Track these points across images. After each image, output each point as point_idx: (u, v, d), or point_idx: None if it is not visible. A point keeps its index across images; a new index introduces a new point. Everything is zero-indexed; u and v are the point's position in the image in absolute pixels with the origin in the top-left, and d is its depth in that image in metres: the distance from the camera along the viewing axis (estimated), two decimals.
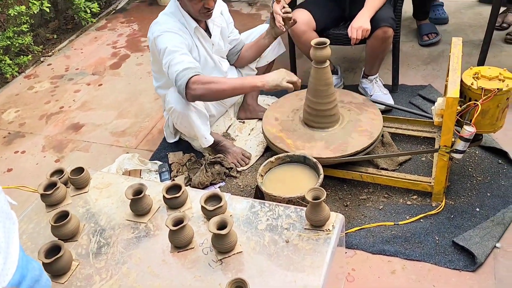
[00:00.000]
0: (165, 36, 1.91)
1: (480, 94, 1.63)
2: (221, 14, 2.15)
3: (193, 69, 1.84)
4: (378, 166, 2.05)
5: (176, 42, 1.89)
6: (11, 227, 0.74)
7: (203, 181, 2.06)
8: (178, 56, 1.86)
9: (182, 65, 1.83)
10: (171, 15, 2.01)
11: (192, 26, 2.02)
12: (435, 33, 2.89)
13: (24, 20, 3.30)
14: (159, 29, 1.94)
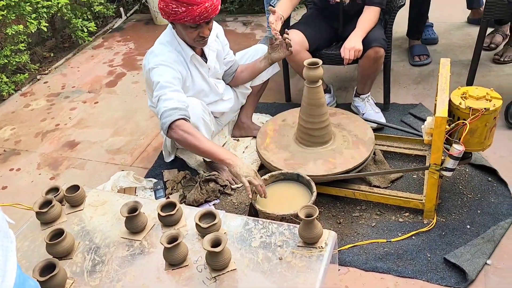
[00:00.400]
0: (159, 70, 1.93)
1: (468, 114, 1.67)
2: (217, 37, 2.19)
3: (180, 111, 1.85)
4: (371, 184, 2.08)
5: (168, 77, 1.91)
6: (9, 245, 0.76)
7: (197, 199, 2.08)
8: (168, 92, 1.88)
9: (171, 103, 1.85)
10: (167, 44, 2.02)
11: (188, 55, 2.04)
12: (426, 55, 2.96)
13: (21, 39, 3.34)
14: (154, 61, 1.96)
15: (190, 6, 1.82)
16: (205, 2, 1.83)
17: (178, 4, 1.82)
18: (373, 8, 2.28)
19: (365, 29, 2.24)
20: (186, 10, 1.83)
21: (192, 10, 1.82)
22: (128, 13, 4.57)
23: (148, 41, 3.89)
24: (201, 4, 1.82)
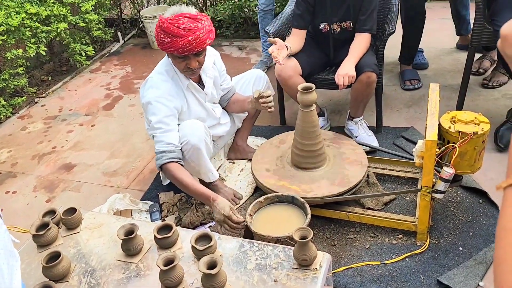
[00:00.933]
0: (153, 107, 2.02)
1: (457, 137, 1.72)
2: (214, 64, 2.24)
3: (168, 154, 1.98)
4: (364, 206, 2.11)
5: (160, 117, 2.01)
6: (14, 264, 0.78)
7: (193, 221, 2.09)
8: (158, 134, 2.01)
9: (160, 146, 2.01)
10: (164, 73, 2.07)
11: (185, 84, 2.09)
12: (417, 80, 3.04)
13: (20, 63, 3.40)
14: (149, 96, 2.03)
15: (174, 38, 1.88)
16: (188, 35, 1.87)
17: (164, 34, 1.90)
18: (363, 34, 2.36)
19: (357, 55, 2.31)
20: (171, 41, 1.89)
21: (175, 42, 1.89)
22: (126, 38, 4.65)
23: (145, 65, 3.96)
24: (184, 37, 1.87)
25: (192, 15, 1.92)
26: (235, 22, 4.34)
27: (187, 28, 1.88)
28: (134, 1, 4.62)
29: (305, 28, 2.45)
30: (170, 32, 1.88)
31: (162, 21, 1.91)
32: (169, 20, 1.89)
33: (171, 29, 1.88)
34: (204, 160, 2.11)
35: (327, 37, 2.47)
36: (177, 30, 1.88)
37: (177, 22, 1.89)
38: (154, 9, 4.39)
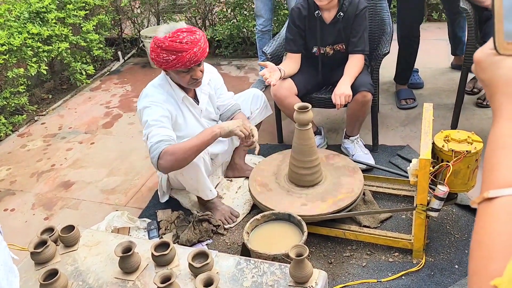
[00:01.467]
0: (148, 110, 2.02)
1: (451, 156, 1.75)
2: (210, 81, 2.28)
3: (166, 142, 1.93)
4: (361, 224, 2.12)
5: (156, 116, 2.00)
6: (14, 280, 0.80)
7: (190, 239, 2.10)
8: (155, 129, 1.97)
9: (156, 137, 1.94)
10: (159, 87, 2.12)
11: (180, 96, 2.13)
12: (412, 99, 3.08)
13: (21, 81, 3.44)
14: (145, 102, 2.06)
15: (179, 53, 1.92)
16: (193, 47, 1.93)
17: (168, 53, 1.92)
18: (357, 55, 2.41)
19: (352, 75, 2.36)
20: (176, 58, 1.92)
21: (182, 57, 1.92)
22: (126, 57, 4.72)
23: (145, 83, 3.94)
24: (190, 50, 1.92)
25: (188, 28, 1.97)
26: (234, 42, 4.41)
27: (189, 41, 1.92)
28: (135, 21, 4.71)
29: (298, 51, 2.51)
30: (173, 49, 1.91)
31: (162, 41, 1.93)
32: (169, 39, 1.92)
33: (174, 46, 1.91)
34: (202, 177, 2.13)
35: (320, 59, 2.52)
36: (181, 45, 1.91)
37: (178, 38, 1.92)
38: (154, 29, 4.47)
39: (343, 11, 2.38)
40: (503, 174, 0.54)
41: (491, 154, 0.56)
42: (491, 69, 0.57)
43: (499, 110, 0.56)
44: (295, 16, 2.46)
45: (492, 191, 0.53)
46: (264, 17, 3.38)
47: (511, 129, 0.55)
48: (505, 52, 0.56)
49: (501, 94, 0.56)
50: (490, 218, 0.53)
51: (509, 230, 0.51)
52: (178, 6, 4.78)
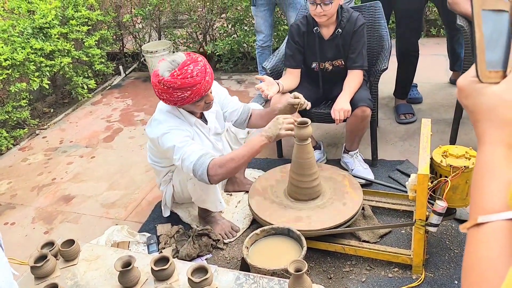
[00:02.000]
0: (170, 135, 1.98)
1: (449, 171, 1.76)
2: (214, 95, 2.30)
3: (206, 155, 1.91)
4: (360, 239, 2.12)
5: (181, 138, 1.97)
6: None
7: (190, 253, 2.10)
8: (187, 149, 1.94)
9: (194, 155, 1.92)
10: (168, 113, 2.07)
11: (191, 121, 2.10)
12: (411, 114, 3.11)
13: (23, 96, 3.47)
14: (162, 128, 2.01)
15: (194, 87, 1.89)
16: (204, 76, 1.92)
17: (183, 91, 1.88)
18: (355, 71, 2.45)
19: (351, 90, 2.39)
20: (192, 92, 1.90)
21: (197, 90, 1.90)
22: (127, 71, 4.77)
23: (146, 98, 4.05)
24: (202, 80, 1.90)
25: (190, 59, 1.92)
26: (234, 57, 4.46)
27: (199, 72, 1.90)
28: (136, 36, 4.76)
29: (298, 67, 2.54)
30: (187, 85, 1.88)
31: (172, 81, 1.87)
32: (179, 77, 1.87)
33: (188, 82, 1.87)
34: (213, 188, 2.11)
35: (320, 75, 2.55)
36: (193, 79, 1.88)
37: (187, 72, 1.88)
38: (155, 44, 4.52)
39: (341, 28, 2.42)
40: (490, 200, 0.55)
41: (477, 179, 0.58)
42: (474, 96, 0.59)
43: (483, 136, 0.58)
44: (294, 32, 2.50)
45: (481, 217, 0.55)
46: (264, 33, 3.43)
47: (495, 155, 0.56)
48: (487, 80, 0.58)
49: (484, 120, 0.58)
50: (480, 244, 0.54)
51: (498, 255, 0.52)
52: (179, 21, 4.84)
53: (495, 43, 0.58)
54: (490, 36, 0.58)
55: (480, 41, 0.57)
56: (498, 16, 0.58)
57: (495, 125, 0.57)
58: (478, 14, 0.57)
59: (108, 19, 4.34)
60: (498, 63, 0.58)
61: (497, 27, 0.58)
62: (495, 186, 0.56)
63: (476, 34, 0.57)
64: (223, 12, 4.34)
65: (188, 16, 4.50)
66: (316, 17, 2.38)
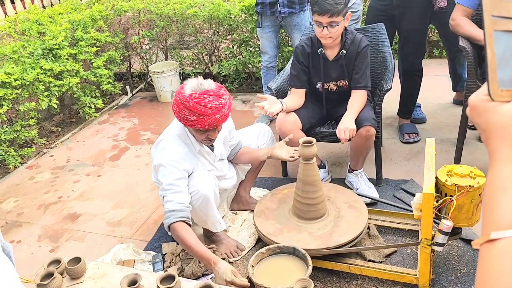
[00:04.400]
0: (165, 170, 2.05)
1: (454, 190, 1.77)
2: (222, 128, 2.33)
3: (178, 213, 1.98)
4: (366, 258, 2.12)
5: (171, 179, 2.02)
6: None
7: (195, 272, 2.10)
8: (169, 194, 2.01)
9: (170, 205, 1.99)
10: (177, 138, 2.10)
11: (197, 149, 2.14)
12: (415, 133, 3.13)
13: (32, 115, 3.53)
14: (162, 158, 2.06)
15: (201, 116, 1.91)
16: (216, 113, 1.92)
17: (190, 112, 1.92)
18: (359, 91, 2.48)
19: (355, 110, 2.42)
20: (197, 119, 1.92)
21: (202, 120, 1.92)
22: (134, 91, 4.83)
23: (152, 117, 4.09)
24: (212, 115, 1.92)
25: (216, 92, 1.95)
26: (240, 77, 4.52)
27: (214, 107, 1.91)
28: (143, 57, 4.85)
29: (302, 87, 2.57)
30: (196, 111, 1.90)
31: (187, 100, 1.91)
32: (194, 100, 1.90)
33: (198, 109, 1.90)
34: (212, 210, 2.14)
35: (324, 95, 2.59)
36: (204, 109, 1.90)
37: (203, 101, 1.90)
38: (162, 64, 4.60)
39: (346, 49, 2.46)
40: (503, 216, 0.56)
41: (490, 196, 0.59)
42: (486, 114, 0.61)
43: (496, 154, 0.59)
44: (299, 53, 2.54)
45: (494, 233, 0.56)
46: (269, 54, 3.49)
47: (508, 172, 0.58)
48: (499, 99, 0.60)
49: (497, 138, 0.59)
50: (493, 259, 0.55)
51: (511, 271, 0.53)
52: (185, 42, 4.93)
53: (507, 63, 0.59)
54: (502, 55, 0.59)
55: (492, 61, 0.59)
56: (509, 37, 0.60)
57: (507, 143, 0.59)
58: (490, 35, 0.59)
59: (116, 41, 4.43)
60: (510, 82, 0.59)
61: (510, 47, 0.60)
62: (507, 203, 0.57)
63: (488, 53, 0.59)
64: (228, 33, 4.42)
65: (194, 38, 4.59)
66: (322, 38, 2.42)
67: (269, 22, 3.35)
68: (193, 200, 2.08)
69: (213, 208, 2.14)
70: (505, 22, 0.59)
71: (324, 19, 2.30)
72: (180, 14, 4.39)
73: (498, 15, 0.59)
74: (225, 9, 4.18)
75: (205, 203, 2.09)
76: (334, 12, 2.27)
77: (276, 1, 3.21)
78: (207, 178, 2.10)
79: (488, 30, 0.59)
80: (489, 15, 0.59)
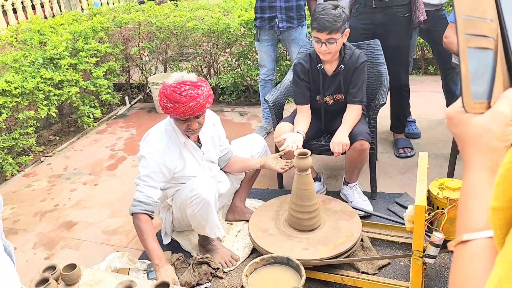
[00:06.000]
0: (145, 161, 2.17)
1: (446, 203, 1.80)
2: (213, 125, 2.39)
3: (145, 206, 2.12)
4: (359, 270, 2.14)
5: (148, 171, 2.15)
6: None
7: (190, 281, 2.11)
8: (142, 185, 2.16)
9: (140, 196, 2.14)
10: (163, 132, 2.22)
11: (182, 141, 2.23)
12: (410, 148, 3.17)
13: (31, 123, 3.56)
14: (144, 150, 2.20)
15: (176, 104, 2.04)
16: (189, 102, 2.03)
17: (167, 100, 2.06)
18: (355, 106, 2.52)
19: (350, 124, 2.46)
20: (173, 107, 2.04)
21: (177, 108, 2.04)
22: (133, 102, 4.88)
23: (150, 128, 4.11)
24: (186, 103, 2.03)
25: (193, 82, 2.08)
26: (237, 90, 4.58)
27: (188, 95, 2.04)
28: (143, 68, 4.90)
29: (307, 103, 2.61)
30: (172, 98, 2.03)
31: (165, 88, 2.07)
32: (171, 88, 2.05)
33: (173, 96, 2.03)
34: (212, 214, 2.17)
35: (321, 108, 2.63)
36: (179, 97, 2.03)
37: (179, 89, 2.04)
38: (161, 76, 4.65)
39: (344, 64, 2.51)
40: (475, 220, 0.60)
41: (463, 201, 0.63)
42: (461, 125, 0.65)
43: (469, 161, 0.64)
44: (299, 71, 2.58)
45: (466, 235, 0.60)
46: (267, 67, 3.54)
47: (480, 178, 0.62)
48: (473, 111, 0.64)
49: (470, 147, 0.64)
50: (465, 260, 0.59)
51: (482, 270, 0.56)
52: (184, 55, 5.00)
53: (481, 77, 0.63)
54: (476, 70, 0.63)
55: (465, 75, 0.63)
56: (483, 53, 0.64)
57: (479, 151, 0.63)
58: (463, 51, 0.63)
59: (116, 52, 4.49)
60: (483, 95, 0.63)
61: (482, 62, 0.64)
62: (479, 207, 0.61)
63: (462, 69, 0.63)
64: (227, 47, 4.48)
65: (193, 50, 4.65)
66: (320, 54, 2.48)
67: (267, 36, 3.41)
68: (193, 205, 2.12)
69: (213, 213, 2.17)
70: (478, 40, 0.63)
71: (323, 35, 2.36)
72: (180, 27, 4.46)
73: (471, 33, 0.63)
74: (224, 23, 4.26)
75: (206, 208, 2.12)
76: (333, 29, 2.33)
77: (274, 16, 3.28)
78: (208, 183, 2.15)
79: (462, 47, 0.63)
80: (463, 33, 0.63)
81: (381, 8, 2.88)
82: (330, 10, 2.35)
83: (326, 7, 2.37)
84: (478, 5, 0.64)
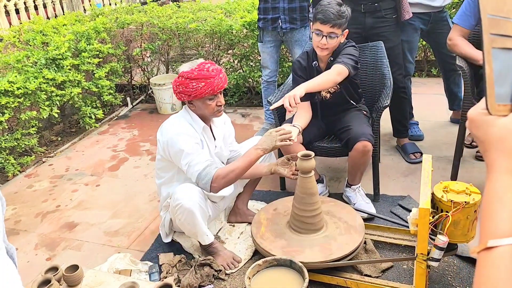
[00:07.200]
0: (180, 139, 2.14)
1: (450, 206, 1.79)
2: (224, 123, 2.42)
3: (211, 166, 2.11)
4: (362, 273, 2.12)
5: (190, 144, 2.14)
6: None
7: (192, 283, 2.10)
8: (195, 157, 2.11)
9: (201, 165, 2.10)
10: (181, 117, 2.26)
11: (200, 126, 2.25)
12: (420, 153, 3.12)
13: (33, 124, 3.55)
14: (172, 131, 2.18)
15: (208, 80, 2.09)
16: (219, 74, 2.14)
17: (198, 81, 2.09)
18: (335, 65, 2.40)
19: (317, 80, 2.35)
20: (206, 84, 2.09)
21: (210, 83, 2.10)
22: (134, 103, 4.87)
23: (151, 129, 4.12)
24: (216, 76, 2.12)
25: (208, 61, 2.20)
26: (240, 91, 4.57)
27: (215, 69, 2.14)
28: (145, 69, 4.90)
29: (306, 99, 2.58)
30: (202, 77, 2.10)
31: (190, 72, 2.11)
32: (196, 70, 2.11)
33: (203, 74, 2.10)
34: (198, 223, 2.15)
35: (319, 105, 2.63)
36: (209, 73, 2.11)
37: (204, 68, 2.12)
38: (163, 77, 4.65)
39: (333, 56, 2.51)
40: (500, 225, 0.59)
41: (488, 206, 0.61)
42: (484, 127, 0.63)
43: (493, 165, 0.62)
44: (296, 68, 2.62)
45: (491, 241, 0.58)
46: (270, 69, 3.54)
47: (504, 182, 0.60)
48: (497, 113, 0.62)
49: (494, 150, 0.62)
50: (490, 266, 0.57)
51: (508, 277, 0.55)
52: (187, 56, 4.99)
53: (504, 79, 0.62)
54: (500, 72, 0.62)
55: (490, 77, 0.61)
56: (507, 54, 0.62)
57: (504, 154, 0.61)
58: (488, 52, 0.62)
59: (119, 52, 4.48)
60: (506, 97, 0.62)
61: (506, 64, 0.62)
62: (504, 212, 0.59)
63: (486, 70, 0.61)
64: (230, 48, 4.48)
65: (196, 51, 4.65)
66: (318, 48, 2.46)
67: (270, 37, 3.41)
68: (178, 214, 2.12)
69: (199, 221, 2.14)
70: (502, 40, 0.62)
71: (326, 28, 2.36)
72: (183, 28, 4.46)
73: (496, 33, 0.62)
74: (227, 24, 4.25)
75: (191, 217, 2.12)
76: (336, 23, 2.34)
77: (277, 17, 3.28)
78: (190, 192, 2.11)
79: (487, 47, 0.61)
80: (488, 33, 0.61)
81: (369, 12, 2.89)
82: (335, 5, 2.38)
83: (331, 2, 2.39)
84: (503, 4, 0.62)
